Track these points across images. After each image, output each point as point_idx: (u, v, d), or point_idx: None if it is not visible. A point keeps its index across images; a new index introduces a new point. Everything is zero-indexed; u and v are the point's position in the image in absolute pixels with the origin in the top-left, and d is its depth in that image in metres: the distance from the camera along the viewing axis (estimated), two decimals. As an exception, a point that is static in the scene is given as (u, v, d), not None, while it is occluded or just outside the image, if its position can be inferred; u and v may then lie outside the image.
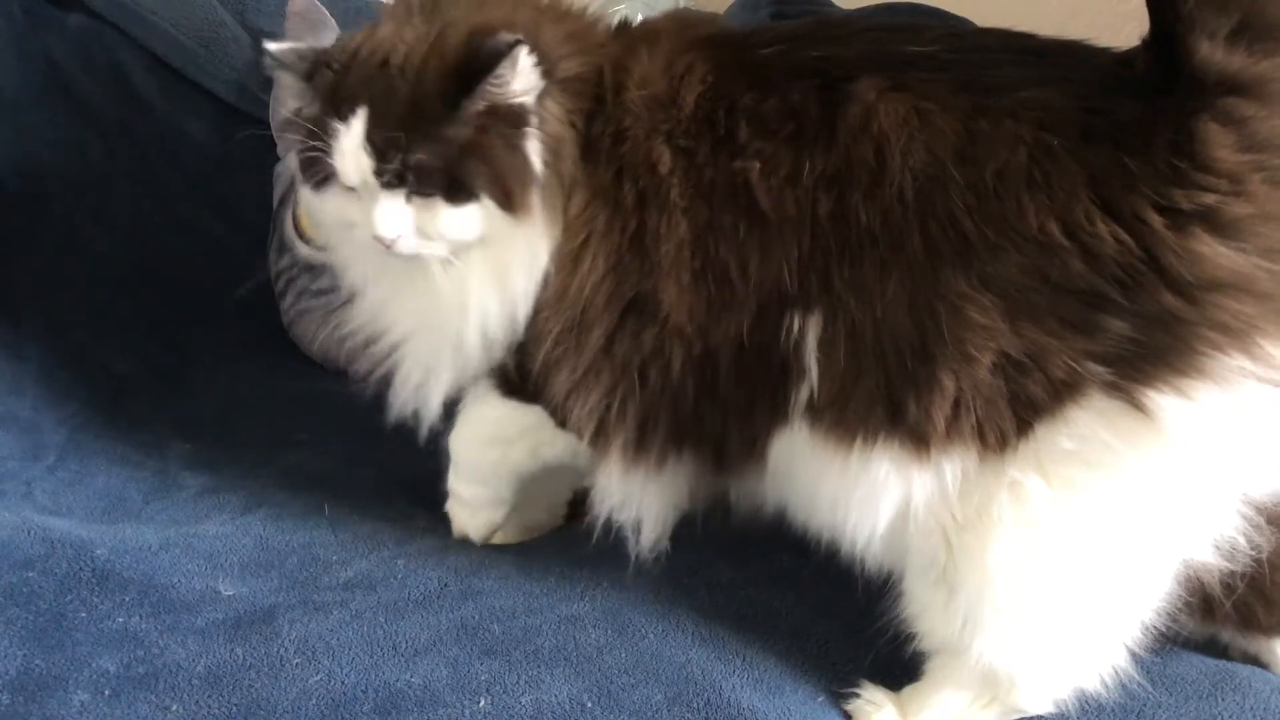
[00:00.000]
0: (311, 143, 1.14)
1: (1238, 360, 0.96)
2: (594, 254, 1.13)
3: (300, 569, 1.24)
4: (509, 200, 1.11)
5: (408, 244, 1.14)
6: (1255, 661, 1.19)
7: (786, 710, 1.08)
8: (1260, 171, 0.95)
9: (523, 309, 1.16)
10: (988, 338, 0.99)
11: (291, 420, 1.58)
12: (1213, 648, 1.20)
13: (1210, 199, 0.95)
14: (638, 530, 1.21)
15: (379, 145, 1.11)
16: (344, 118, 1.12)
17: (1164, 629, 1.08)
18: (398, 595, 1.19)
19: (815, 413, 1.08)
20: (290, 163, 1.77)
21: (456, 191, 1.11)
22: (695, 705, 1.07)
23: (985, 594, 1.04)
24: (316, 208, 1.22)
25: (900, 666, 1.13)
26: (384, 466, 1.44)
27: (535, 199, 1.12)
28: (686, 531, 1.28)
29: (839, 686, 1.12)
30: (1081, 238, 0.97)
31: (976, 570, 1.04)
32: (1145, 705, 1.11)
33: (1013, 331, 0.99)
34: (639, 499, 1.19)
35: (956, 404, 1.01)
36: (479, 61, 1.09)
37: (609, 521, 1.21)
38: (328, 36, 1.85)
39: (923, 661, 1.12)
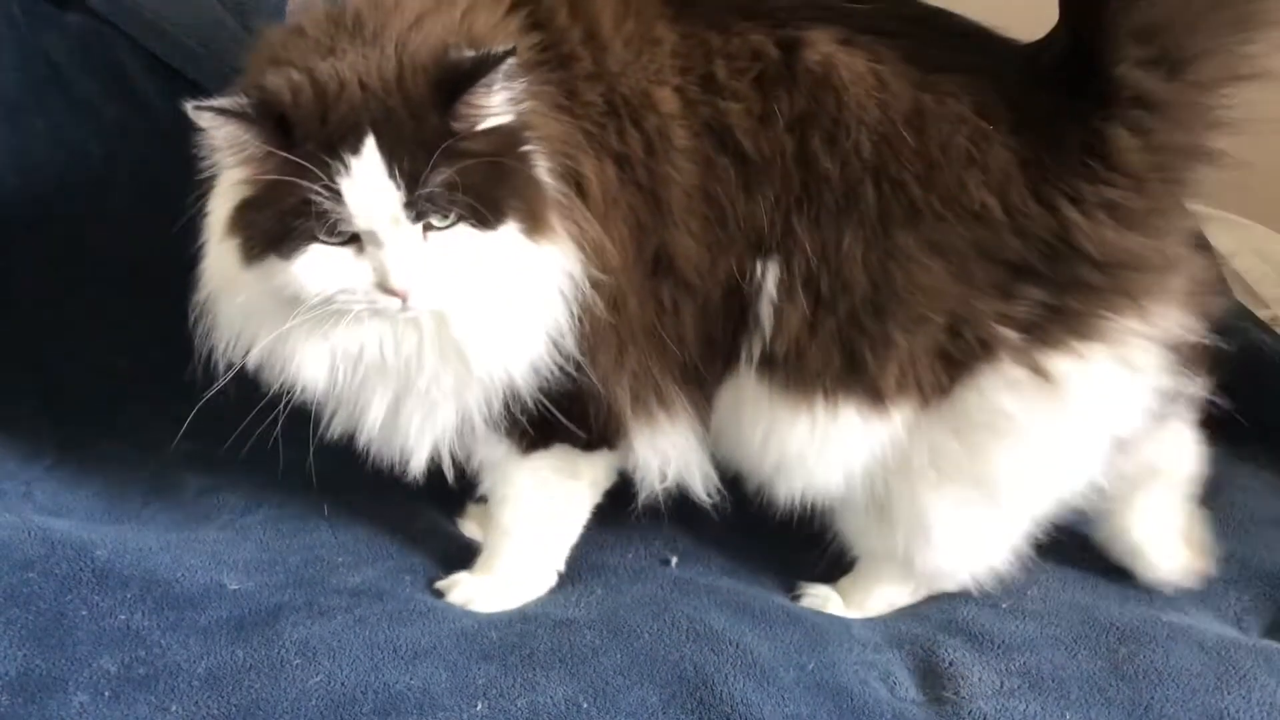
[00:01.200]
0: (311, 186, 1.00)
1: (1128, 322, 1.12)
2: (617, 221, 1.13)
3: (304, 568, 1.24)
4: (534, 220, 1.07)
5: (428, 295, 1.04)
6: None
7: (780, 696, 1.10)
8: (1158, 172, 1.09)
9: (569, 330, 1.12)
10: (939, 300, 1.11)
11: (291, 419, 1.57)
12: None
13: (1115, 194, 1.09)
14: (693, 479, 1.24)
15: (407, 170, 1.00)
16: (352, 149, 1.00)
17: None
18: (403, 606, 1.19)
19: (770, 365, 1.14)
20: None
21: (486, 211, 1.04)
22: (689, 705, 1.08)
23: (913, 531, 1.20)
24: (275, 284, 1.04)
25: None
26: (382, 466, 1.44)
27: (555, 216, 1.09)
28: (680, 529, 1.29)
29: (828, 655, 1.16)
30: (1016, 216, 1.10)
31: (909, 509, 1.19)
32: (1152, 700, 1.11)
33: (956, 296, 1.11)
34: (680, 450, 1.22)
35: (909, 360, 1.12)
36: (463, 73, 1.03)
37: (663, 488, 1.24)
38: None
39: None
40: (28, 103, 1.77)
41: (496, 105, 1.05)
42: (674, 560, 1.33)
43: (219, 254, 1.10)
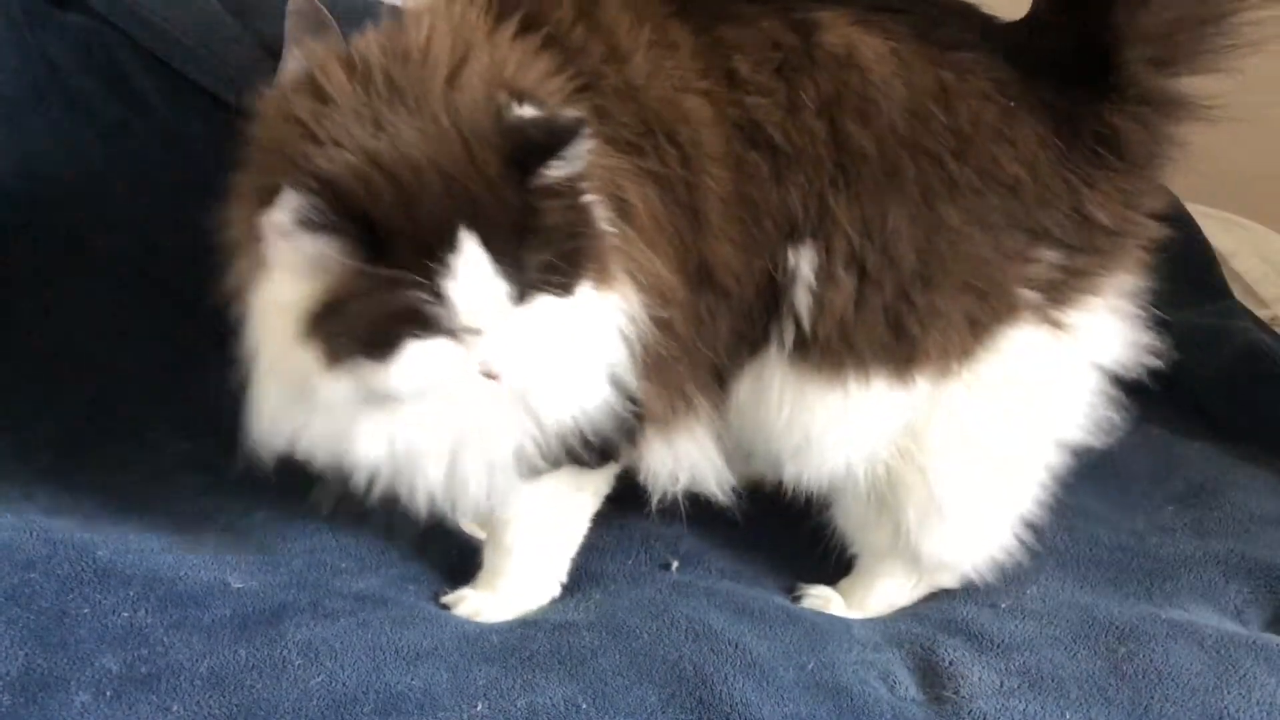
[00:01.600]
0: (414, 294, 0.94)
1: (1122, 276, 1.21)
2: (663, 244, 1.11)
3: (307, 572, 1.24)
4: (602, 274, 1.04)
5: (523, 372, 1.01)
6: None
7: (780, 696, 1.10)
8: (1154, 159, 1.18)
9: (630, 369, 1.10)
10: (980, 269, 1.14)
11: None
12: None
13: (1124, 182, 1.17)
14: (707, 480, 1.24)
15: (508, 259, 0.96)
16: (450, 246, 0.95)
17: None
18: (406, 613, 1.19)
19: (804, 348, 1.15)
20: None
21: (570, 280, 1.00)
22: (688, 705, 1.08)
23: (924, 512, 1.22)
24: (367, 385, 0.99)
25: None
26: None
27: (615, 263, 1.06)
28: (682, 531, 1.29)
29: (828, 655, 1.16)
30: (1043, 190, 1.14)
31: (916, 492, 1.21)
32: (1152, 700, 1.11)
33: (994, 264, 1.15)
34: (697, 452, 1.22)
35: (947, 329, 1.16)
36: (536, 146, 0.98)
37: (674, 490, 1.24)
38: (328, 37, 1.85)
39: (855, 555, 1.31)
40: (28, 103, 1.77)
41: (566, 169, 1.01)
42: (675, 564, 1.33)
43: (293, 360, 1.02)
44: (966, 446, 1.20)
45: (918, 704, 1.13)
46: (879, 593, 1.30)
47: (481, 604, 1.23)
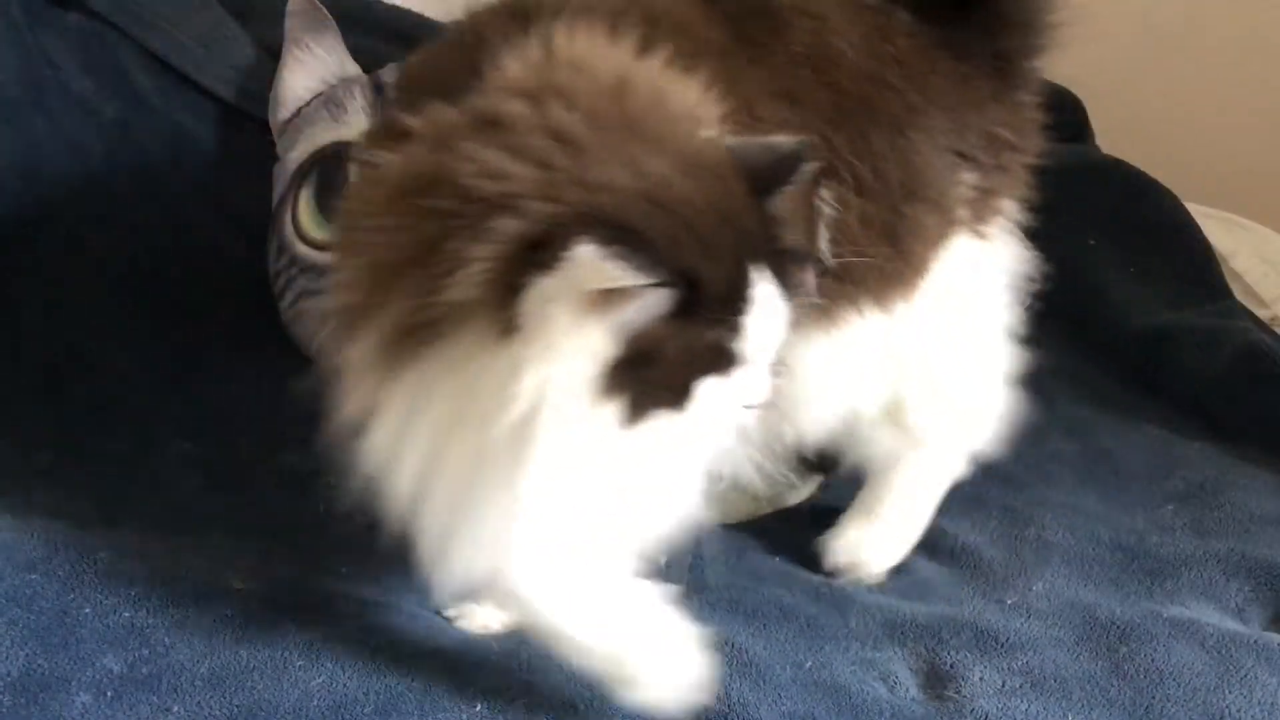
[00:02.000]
0: (726, 333, 0.93)
1: (1014, 201, 1.33)
2: None
3: (309, 574, 1.24)
4: None
5: (772, 391, 1.00)
6: None
7: (777, 694, 1.10)
8: (1035, 75, 1.33)
9: None
10: (937, 187, 1.24)
11: (291, 420, 1.57)
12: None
13: (1022, 96, 1.32)
14: (743, 467, 1.23)
15: (786, 286, 0.96)
16: (749, 281, 0.94)
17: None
18: (408, 619, 1.19)
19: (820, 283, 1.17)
20: (289, 167, 1.76)
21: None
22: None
23: (926, 404, 1.32)
24: (661, 437, 0.95)
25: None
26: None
27: None
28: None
29: (825, 654, 1.16)
30: (965, 114, 1.26)
31: (916, 394, 1.31)
32: (1153, 700, 1.11)
33: (945, 182, 1.25)
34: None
35: (925, 240, 1.25)
36: (782, 168, 0.98)
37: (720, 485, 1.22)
38: (328, 37, 1.85)
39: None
40: (28, 103, 1.77)
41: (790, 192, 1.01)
42: (664, 560, 1.33)
43: (584, 429, 0.93)
44: (938, 349, 1.30)
45: (918, 703, 1.13)
46: (896, 487, 1.35)
47: (488, 618, 1.22)
